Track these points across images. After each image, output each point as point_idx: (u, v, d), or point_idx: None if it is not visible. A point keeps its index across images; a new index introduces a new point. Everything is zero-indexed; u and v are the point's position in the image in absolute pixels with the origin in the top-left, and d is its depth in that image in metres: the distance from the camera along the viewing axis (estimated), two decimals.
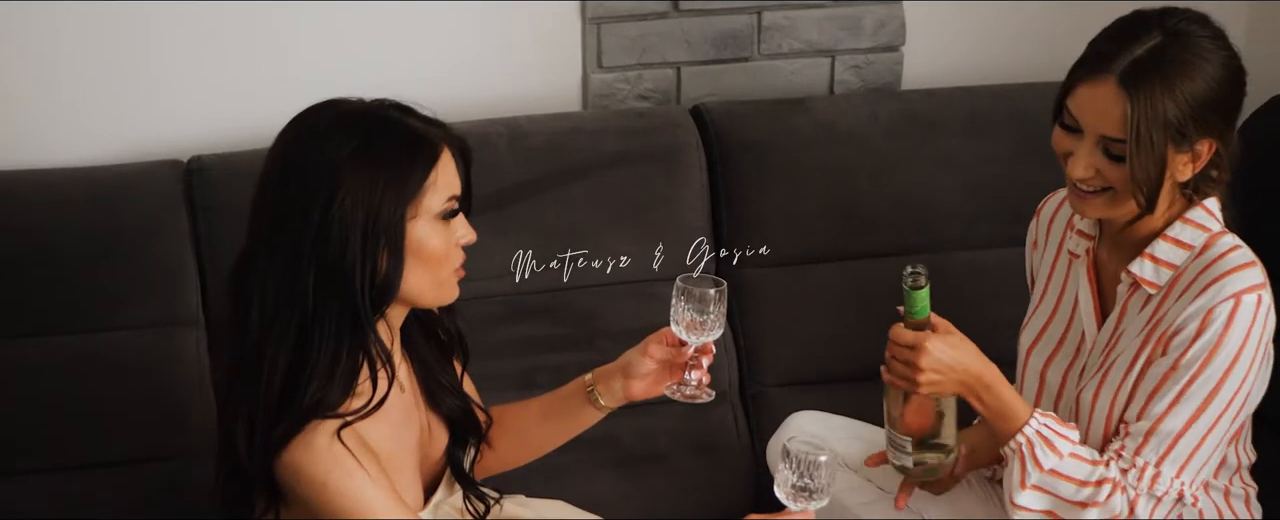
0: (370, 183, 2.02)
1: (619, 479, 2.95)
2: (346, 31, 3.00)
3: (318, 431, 2.04)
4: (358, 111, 2.09)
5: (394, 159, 2.05)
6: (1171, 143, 2.17)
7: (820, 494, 2.14)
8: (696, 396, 2.31)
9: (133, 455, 2.76)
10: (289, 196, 2.04)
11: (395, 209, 2.04)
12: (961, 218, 3.15)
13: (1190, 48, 2.18)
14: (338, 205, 2.00)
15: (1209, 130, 2.19)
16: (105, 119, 2.93)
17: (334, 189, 2.01)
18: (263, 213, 2.08)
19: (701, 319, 2.23)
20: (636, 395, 2.34)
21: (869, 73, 3.33)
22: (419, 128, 2.09)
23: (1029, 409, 2.27)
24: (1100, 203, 2.26)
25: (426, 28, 3.05)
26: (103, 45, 2.90)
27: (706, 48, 3.21)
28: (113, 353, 2.76)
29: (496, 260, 2.89)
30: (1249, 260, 2.23)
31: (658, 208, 3.02)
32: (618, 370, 2.34)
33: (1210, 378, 2.20)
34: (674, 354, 2.30)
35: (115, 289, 2.76)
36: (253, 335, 2.05)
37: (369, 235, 2.02)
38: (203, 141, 2.92)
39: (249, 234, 2.09)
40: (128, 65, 2.92)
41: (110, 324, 2.77)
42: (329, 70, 2.97)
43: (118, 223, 2.77)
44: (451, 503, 2.32)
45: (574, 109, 3.20)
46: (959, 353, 2.24)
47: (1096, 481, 2.25)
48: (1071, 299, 2.42)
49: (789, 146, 3.08)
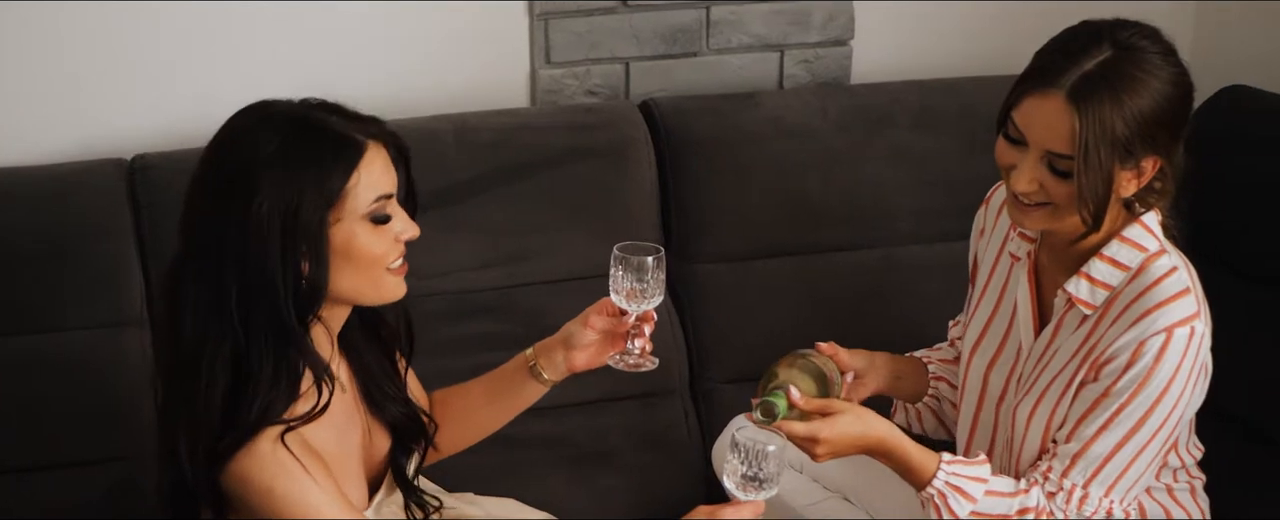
0: (287, 187, 1.99)
1: (570, 476, 2.94)
2: (292, 28, 2.98)
3: (262, 437, 2.02)
4: (282, 114, 2.06)
5: (312, 161, 2.01)
6: (1118, 160, 2.14)
7: (770, 483, 2.13)
8: (640, 365, 2.31)
9: (80, 457, 2.74)
10: (210, 205, 2.02)
11: (315, 212, 2.01)
12: (911, 212, 3.15)
13: (1140, 63, 2.13)
14: (255, 211, 1.98)
15: (1155, 147, 2.16)
16: (47, 118, 2.91)
17: (251, 194, 1.98)
18: (188, 221, 2.06)
19: (641, 286, 2.23)
20: (579, 367, 2.34)
21: (818, 67, 3.33)
22: (342, 127, 2.06)
23: (936, 460, 2.26)
24: (1041, 215, 2.23)
25: (374, 24, 3.03)
26: (44, 45, 2.87)
27: (655, 43, 3.20)
28: (58, 353, 2.73)
29: (444, 257, 2.87)
30: (1182, 288, 2.21)
31: (607, 203, 3.01)
32: (558, 343, 2.34)
33: (1140, 406, 2.20)
34: (615, 323, 2.30)
35: (59, 289, 2.73)
36: (187, 346, 2.03)
37: (289, 240, 2.00)
38: (146, 140, 2.90)
39: (178, 242, 2.07)
40: (69, 64, 2.89)
41: (55, 324, 2.74)
42: (275, 68, 2.95)
43: (61, 222, 2.74)
44: (394, 500, 2.31)
45: (522, 105, 3.18)
46: (853, 430, 2.22)
47: (1018, 512, 2.26)
48: (1011, 303, 2.42)
49: (738, 141, 3.08)
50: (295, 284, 2.02)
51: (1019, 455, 2.36)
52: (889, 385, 2.53)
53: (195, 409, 2.01)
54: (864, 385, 2.48)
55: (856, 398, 2.47)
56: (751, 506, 2.13)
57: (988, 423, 2.46)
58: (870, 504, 2.65)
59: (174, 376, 2.07)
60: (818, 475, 2.67)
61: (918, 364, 2.61)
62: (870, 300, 3.09)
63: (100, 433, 2.73)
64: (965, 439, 2.52)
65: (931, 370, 2.60)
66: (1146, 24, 2.20)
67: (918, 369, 2.60)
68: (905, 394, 2.60)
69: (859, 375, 2.47)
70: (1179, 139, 2.21)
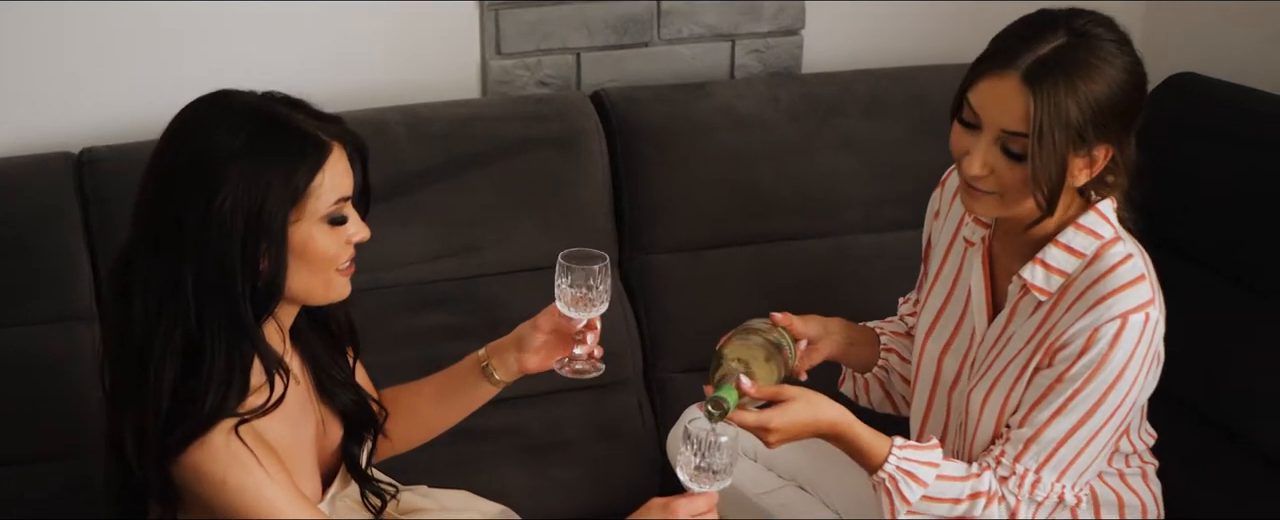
0: (253, 183, 1.97)
1: (524, 468, 2.94)
2: (241, 18, 2.96)
3: (215, 430, 2.01)
4: (245, 106, 2.04)
5: (279, 158, 2.00)
6: (1071, 145, 2.15)
7: (723, 474, 2.13)
8: (584, 371, 2.32)
9: (28, 453, 2.71)
10: (170, 194, 2.00)
11: (278, 211, 1.99)
12: (862, 201, 3.16)
13: (1095, 50, 2.15)
14: (218, 205, 1.96)
15: (1107, 135, 2.17)
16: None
17: (215, 188, 1.96)
18: (145, 209, 2.04)
19: (585, 294, 2.24)
20: (531, 368, 2.35)
21: (769, 57, 3.33)
22: (308, 125, 2.04)
23: (887, 445, 2.27)
24: (992, 202, 2.24)
25: (323, 14, 3.02)
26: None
27: (606, 33, 3.20)
28: (6, 348, 2.70)
29: (397, 250, 2.86)
30: (1137, 275, 2.23)
31: (559, 194, 3.01)
32: (511, 344, 2.35)
33: (1093, 392, 2.22)
34: (565, 325, 2.30)
35: (7, 284, 2.71)
36: (136, 337, 2.01)
37: (250, 238, 1.98)
38: (94, 133, 2.88)
39: (131, 230, 2.05)
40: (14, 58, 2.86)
41: (3, 319, 2.71)
42: (223, 58, 2.93)
43: (9, 217, 2.71)
44: (349, 494, 2.30)
45: (473, 96, 3.17)
46: (804, 416, 2.23)
47: (970, 496, 2.27)
48: (965, 289, 2.43)
49: (690, 131, 3.08)
50: (253, 281, 2.01)
51: (972, 440, 2.37)
52: (842, 352, 2.55)
53: (144, 400, 2.00)
54: (817, 351, 2.50)
55: (810, 363, 2.49)
56: (706, 498, 2.14)
57: (941, 408, 2.47)
58: (824, 491, 2.66)
59: (123, 367, 2.05)
60: (772, 463, 2.68)
61: (871, 333, 2.62)
62: (822, 289, 3.09)
63: (49, 429, 2.71)
64: (919, 424, 2.53)
65: (883, 341, 2.62)
66: (1101, 13, 2.22)
67: (871, 338, 2.62)
68: (857, 362, 2.61)
69: (813, 341, 2.48)
70: (1131, 130, 2.22)
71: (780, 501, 2.68)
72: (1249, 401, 2.74)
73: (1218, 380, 2.79)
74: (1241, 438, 2.76)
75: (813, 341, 2.48)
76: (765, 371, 2.25)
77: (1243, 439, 2.75)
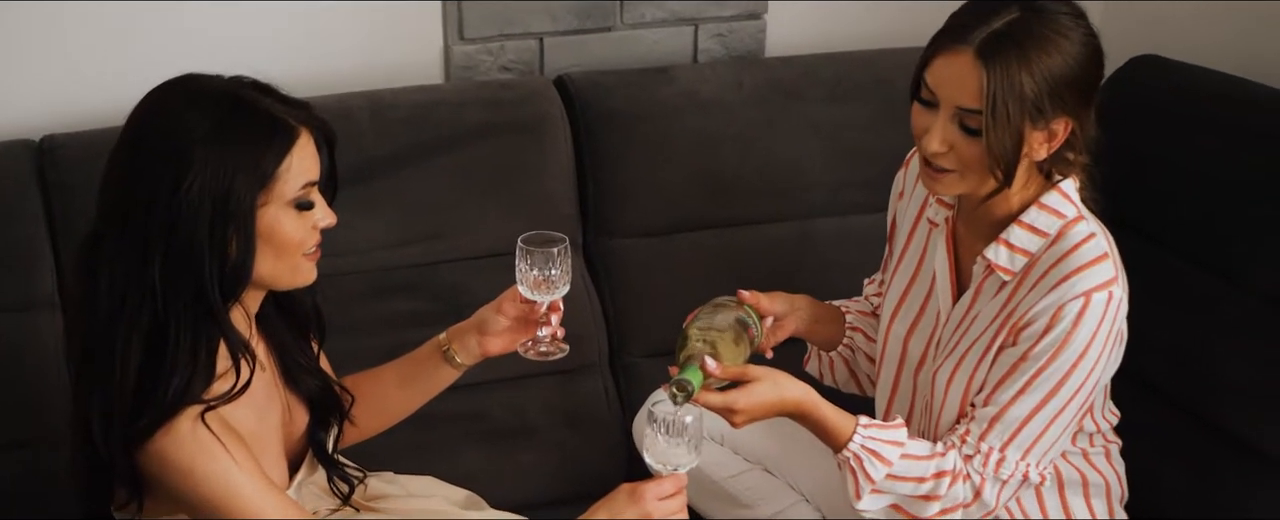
0: (221, 167, 1.97)
1: (490, 453, 2.94)
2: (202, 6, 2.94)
3: (181, 416, 2.00)
4: (213, 90, 2.04)
5: (247, 142, 2.00)
6: (1028, 118, 2.16)
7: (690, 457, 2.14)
8: (550, 354, 2.32)
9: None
10: (137, 178, 1.99)
11: (246, 195, 1.99)
12: (826, 184, 3.17)
13: (1048, 23, 2.17)
14: (186, 189, 1.96)
15: (1065, 108, 2.18)
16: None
17: (183, 172, 1.96)
18: (111, 193, 2.03)
19: (546, 276, 2.24)
20: (492, 352, 2.36)
21: (732, 41, 3.33)
22: (276, 110, 2.04)
23: (852, 424, 2.27)
24: (952, 180, 2.25)
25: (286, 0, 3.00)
26: None
27: (569, 18, 3.19)
28: None
29: (361, 235, 2.85)
30: (1100, 254, 2.24)
31: (523, 180, 3.00)
32: (472, 328, 2.36)
33: (1057, 370, 2.23)
34: (528, 309, 2.31)
35: None
36: (101, 322, 2.00)
37: (218, 221, 1.98)
38: (55, 120, 2.86)
39: (97, 214, 2.05)
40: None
41: None
42: (185, 44, 2.91)
43: None
44: (315, 480, 2.30)
45: (436, 81, 3.17)
46: (769, 397, 2.23)
47: (934, 475, 2.28)
48: (930, 270, 2.44)
49: (654, 116, 3.08)
50: (221, 264, 2.01)
51: (938, 420, 2.38)
52: (807, 329, 2.56)
53: (109, 385, 1.99)
54: (783, 328, 2.51)
55: (775, 340, 2.49)
56: (673, 480, 2.14)
57: (907, 388, 2.48)
58: (790, 474, 2.66)
59: (87, 351, 2.04)
60: (738, 446, 2.69)
61: (836, 311, 2.63)
62: (786, 272, 3.09)
63: (10, 417, 2.69)
64: (884, 404, 2.54)
65: (849, 320, 2.63)
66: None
67: (836, 316, 2.62)
68: (822, 339, 2.62)
69: (779, 318, 2.49)
70: (1090, 103, 2.24)
71: (747, 485, 2.68)
72: (1211, 380, 2.76)
73: (1180, 360, 2.80)
74: (1204, 417, 2.77)
75: (779, 318, 2.49)
76: (732, 354, 2.25)
77: (1205, 419, 2.77)
